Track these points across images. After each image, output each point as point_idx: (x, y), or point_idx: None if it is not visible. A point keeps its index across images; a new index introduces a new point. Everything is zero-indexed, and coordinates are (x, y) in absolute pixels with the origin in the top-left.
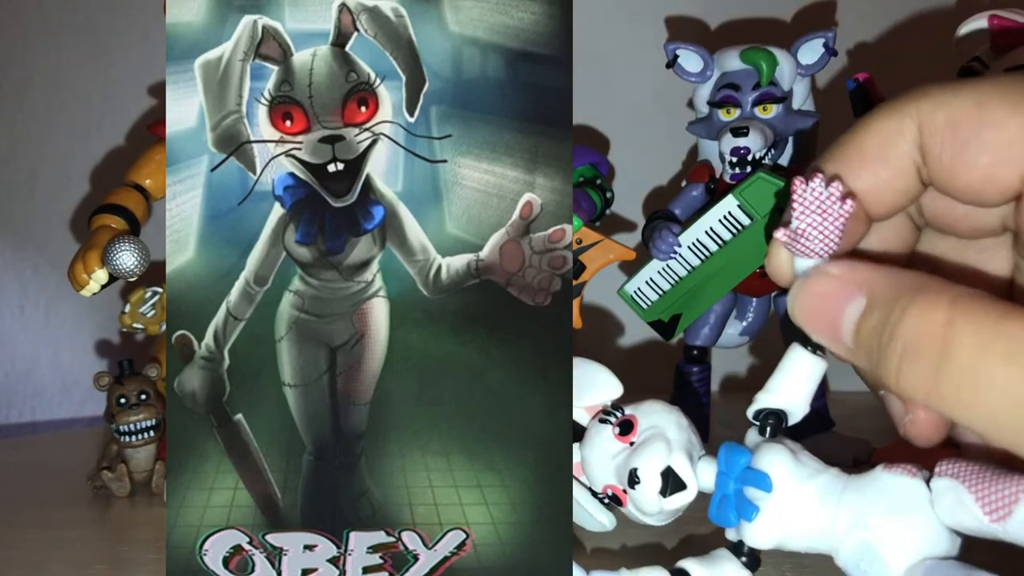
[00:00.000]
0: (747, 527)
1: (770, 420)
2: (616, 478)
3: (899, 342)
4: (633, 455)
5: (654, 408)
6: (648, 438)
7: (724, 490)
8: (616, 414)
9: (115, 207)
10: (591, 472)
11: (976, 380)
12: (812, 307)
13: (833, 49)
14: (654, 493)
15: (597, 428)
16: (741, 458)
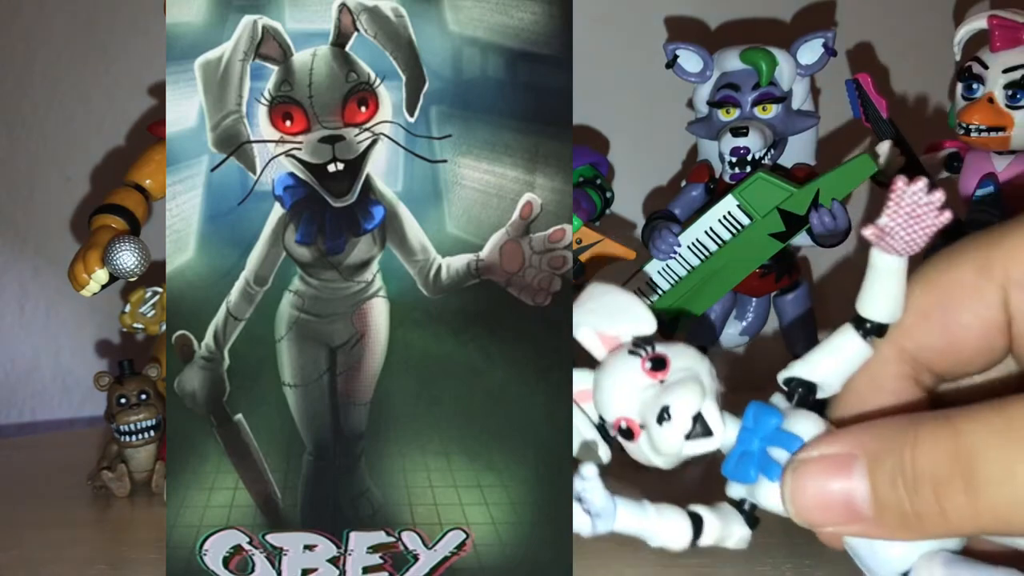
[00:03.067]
0: (766, 487)
1: (800, 389)
2: (638, 412)
3: (925, 477)
4: (666, 392)
5: (687, 352)
6: (682, 379)
7: (747, 446)
8: (647, 348)
9: (115, 207)
10: (606, 401)
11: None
12: (816, 495)
13: (833, 49)
14: (680, 434)
15: (624, 358)
16: (772, 418)
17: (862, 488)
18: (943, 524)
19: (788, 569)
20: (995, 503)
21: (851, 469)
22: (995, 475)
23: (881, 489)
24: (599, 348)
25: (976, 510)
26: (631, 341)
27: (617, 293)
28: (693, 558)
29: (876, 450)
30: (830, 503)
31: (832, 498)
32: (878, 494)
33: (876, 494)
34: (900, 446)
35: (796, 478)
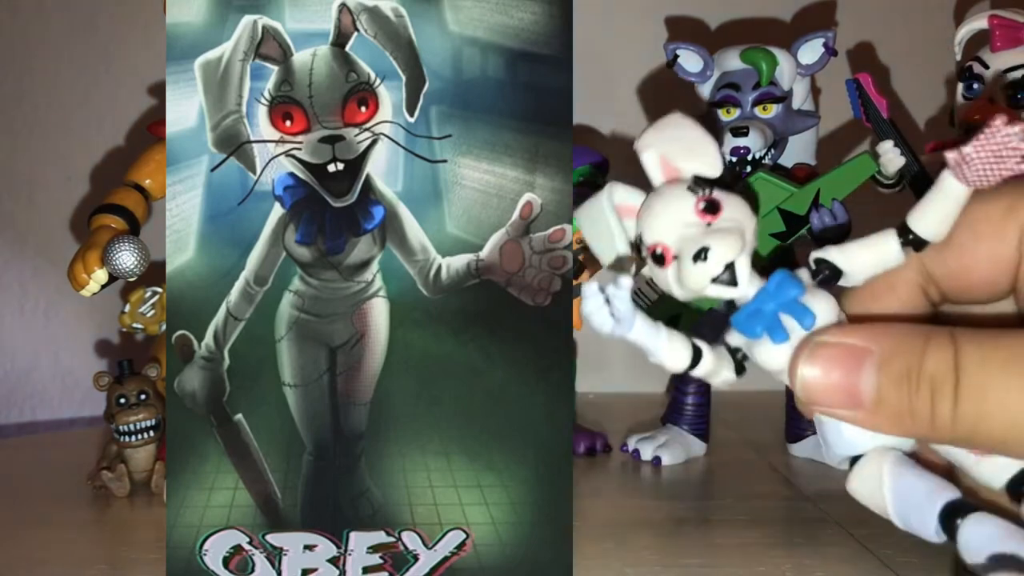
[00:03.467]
0: (766, 347)
1: (827, 271)
2: (676, 243)
3: (927, 382)
4: (709, 235)
5: (741, 207)
6: (728, 228)
7: (762, 305)
8: (705, 190)
9: (115, 207)
10: (651, 224)
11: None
12: (823, 379)
13: (833, 49)
14: (708, 276)
15: (680, 191)
16: (793, 289)
17: (869, 380)
18: (929, 426)
19: (788, 569)
20: (966, 416)
21: (863, 361)
22: (971, 392)
23: (886, 386)
24: (658, 174)
25: (955, 417)
26: (692, 178)
27: (695, 129)
28: (693, 558)
29: (890, 349)
30: (835, 388)
31: (838, 384)
32: (882, 389)
33: (880, 390)
34: (911, 350)
35: (810, 357)
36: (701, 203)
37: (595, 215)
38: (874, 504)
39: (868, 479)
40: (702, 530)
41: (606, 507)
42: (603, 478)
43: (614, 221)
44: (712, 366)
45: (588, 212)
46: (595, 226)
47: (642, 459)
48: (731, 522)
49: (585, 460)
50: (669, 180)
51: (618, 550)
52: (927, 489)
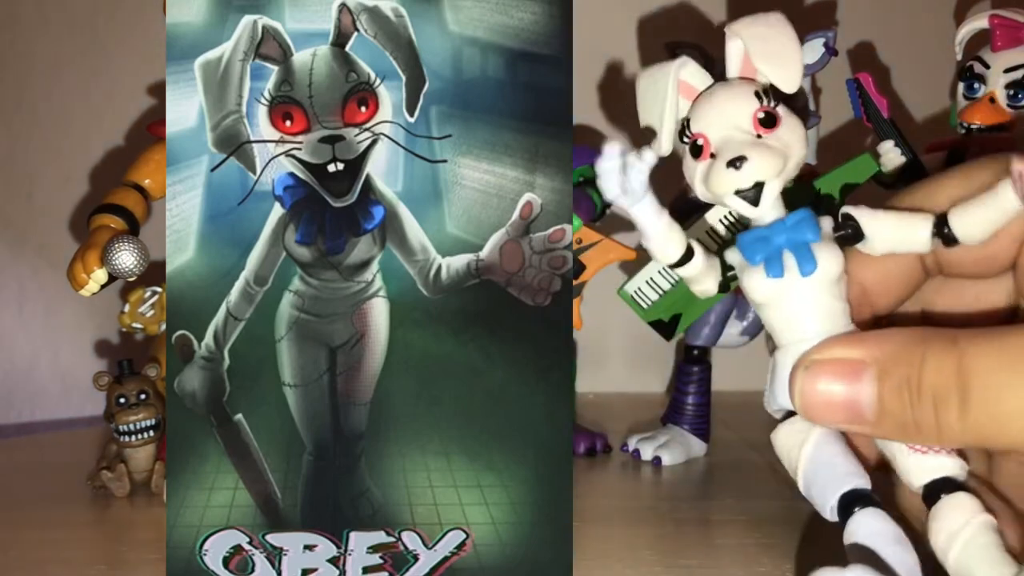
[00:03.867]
0: (757, 275)
1: (850, 231)
2: (718, 141)
3: (928, 392)
4: (754, 147)
5: (796, 133)
6: (774, 148)
7: (772, 235)
8: (771, 101)
9: (114, 207)
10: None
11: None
12: (823, 393)
13: (833, 49)
14: (734, 186)
15: (747, 93)
16: (809, 233)
17: (869, 393)
18: (936, 434)
19: (788, 570)
20: (979, 421)
21: (861, 375)
22: (983, 396)
23: (887, 397)
24: (735, 65)
25: (964, 426)
26: (763, 84)
27: (789, 37)
28: (693, 558)
29: (887, 361)
30: (836, 403)
31: (838, 399)
32: (883, 401)
33: (881, 401)
34: (910, 360)
35: (808, 375)
36: (761, 112)
37: (657, 83)
38: (787, 461)
39: (793, 436)
40: (702, 530)
41: (606, 507)
42: (603, 478)
43: (672, 96)
44: (699, 271)
45: (651, 77)
46: (651, 93)
47: (642, 459)
48: (731, 522)
49: (585, 460)
50: (742, 77)
51: (618, 550)
52: (840, 470)
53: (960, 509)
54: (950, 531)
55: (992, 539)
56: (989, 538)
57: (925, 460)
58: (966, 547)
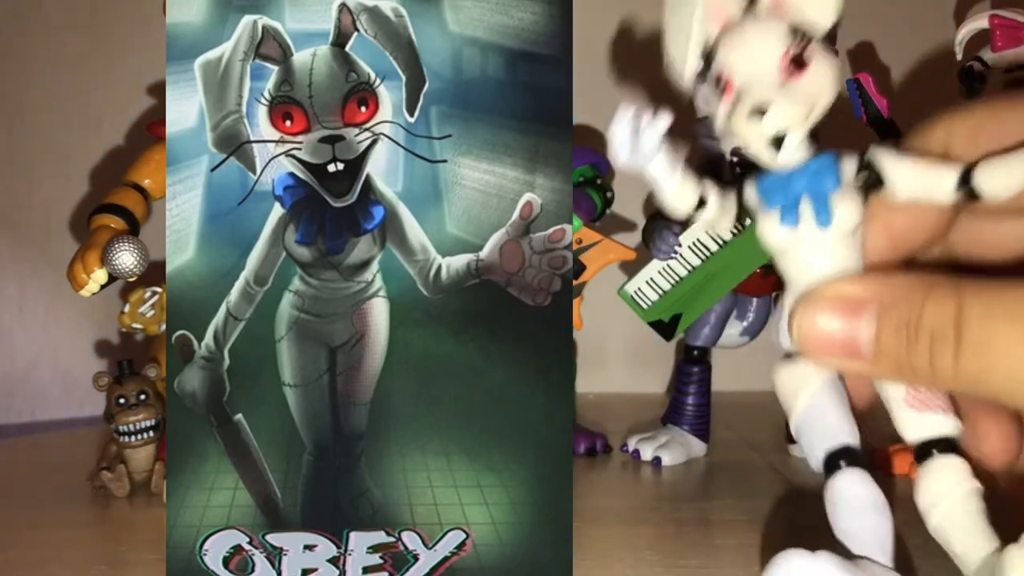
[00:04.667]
0: (770, 220)
1: (871, 176)
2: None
3: (925, 334)
4: (780, 92)
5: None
6: (801, 96)
7: (792, 180)
8: (803, 42)
9: (114, 207)
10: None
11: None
12: (822, 328)
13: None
14: (757, 132)
15: (780, 29)
16: (830, 182)
17: (867, 331)
18: (930, 376)
19: None
20: (969, 368)
21: (861, 312)
22: (974, 342)
23: (885, 336)
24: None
25: (956, 371)
26: (796, 22)
27: None
28: (693, 558)
29: (889, 300)
30: (833, 339)
31: (836, 334)
32: (881, 340)
33: (879, 339)
34: (911, 300)
35: (807, 310)
36: (791, 53)
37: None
38: (784, 401)
39: (794, 380)
40: (702, 530)
41: (606, 507)
42: (603, 478)
43: (699, 17)
44: (712, 216)
45: None
46: (679, 11)
47: (642, 459)
48: (731, 522)
49: (585, 460)
50: (776, 9)
51: (618, 550)
52: (832, 424)
53: (950, 470)
54: (937, 491)
55: (976, 507)
56: (973, 506)
57: (921, 416)
58: (950, 510)
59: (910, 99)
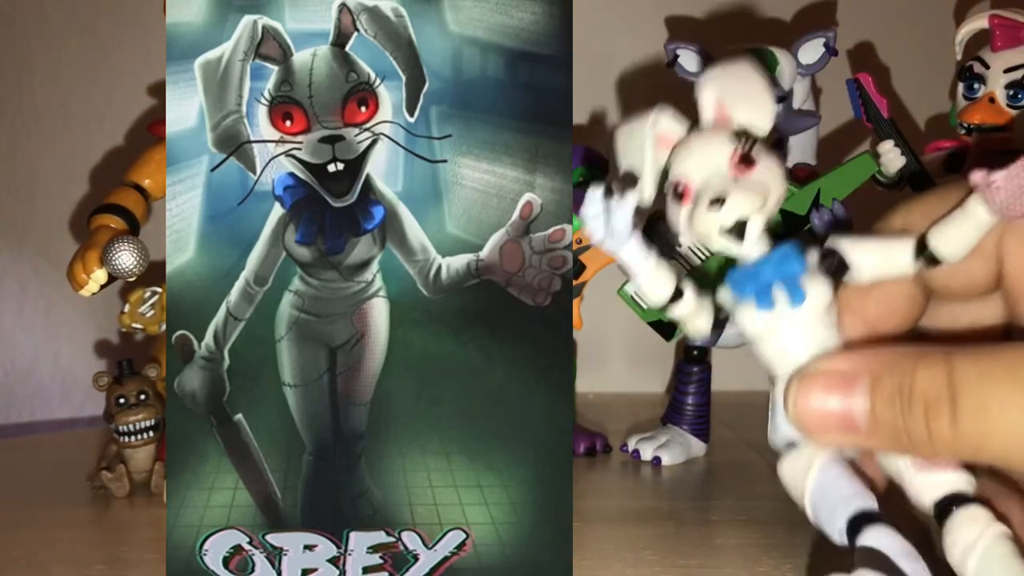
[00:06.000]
0: (749, 309)
1: (835, 261)
2: (699, 183)
3: (919, 400)
4: (733, 187)
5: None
6: (753, 186)
7: (760, 271)
8: (747, 144)
9: (114, 207)
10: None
11: (987, 407)
12: (817, 405)
13: (833, 49)
14: (718, 225)
15: (722, 136)
16: (796, 266)
17: (861, 404)
18: (928, 444)
19: (789, 570)
20: (969, 432)
21: (854, 386)
22: (971, 407)
23: (879, 406)
24: (710, 114)
25: (955, 436)
26: (737, 128)
27: (758, 82)
28: (693, 559)
29: (880, 371)
30: (829, 414)
31: (832, 410)
32: (876, 411)
33: (874, 411)
34: (902, 369)
35: (802, 387)
36: (738, 155)
37: (635, 136)
38: (794, 490)
39: (797, 465)
40: (702, 530)
41: (606, 507)
42: (603, 478)
43: (650, 146)
44: (690, 311)
45: (629, 131)
46: (631, 146)
47: (642, 459)
48: (731, 522)
49: (585, 460)
50: (717, 122)
51: (618, 550)
52: (847, 492)
53: (973, 521)
54: (965, 544)
55: (1008, 548)
56: (1005, 548)
57: (932, 477)
58: (983, 559)
59: (910, 99)
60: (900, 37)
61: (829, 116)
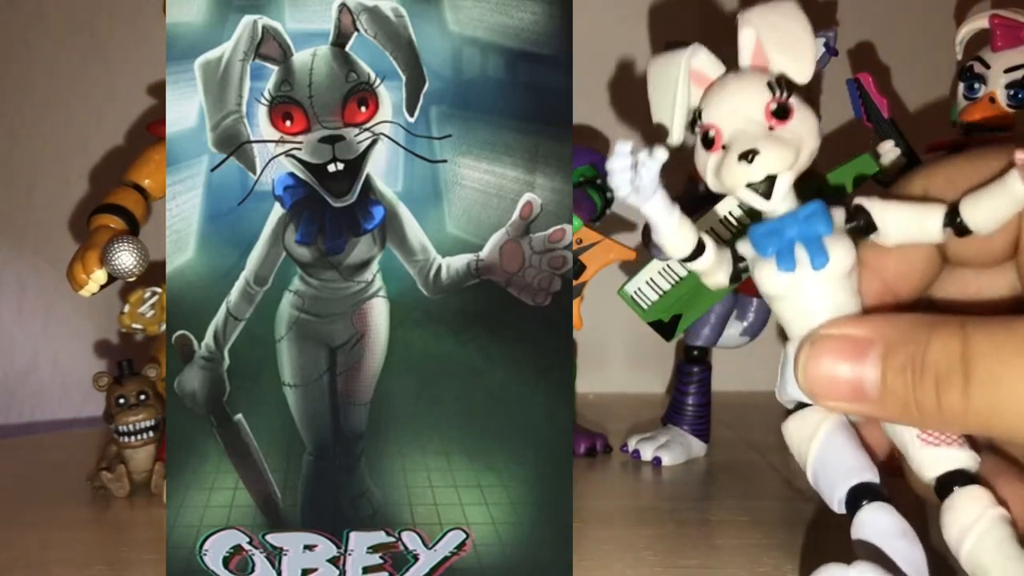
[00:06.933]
0: (768, 268)
1: (862, 222)
2: (730, 132)
3: (931, 371)
4: (766, 140)
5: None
6: (787, 140)
7: (784, 228)
8: (784, 92)
9: (114, 207)
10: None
11: (999, 380)
12: (828, 371)
13: (834, 49)
14: (746, 179)
15: (759, 83)
16: (821, 225)
17: (873, 373)
18: (938, 415)
19: (790, 570)
20: (980, 405)
21: (866, 354)
22: (984, 379)
23: (890, 376)
24: (748, 55)
25: (965, 407)
26: (777, 74)
27: (802, 26)
28: (693, 559)
29: (893, 340)
30: (839, 381)
31: (842, 377)
32: (887, 380)
33: (885, 380)
34: (915, 340)
35: (813, 352)
36: (774, 104)
37: (668, 71)
38: (797, 452)
39: (803, 427)
40: (702, 531)
41: (606, 507)
42: (603, 478)
43: (683, 84)
44: (710, 265)
45: (662, 66)
46: (662, 82)
47: (642, 459)
48: (731, 523)
49: (585, 460)
50: (755, 66)
51: (618, 550)
52: (850, 463)
53: (973, 501)
54: (963, 524)
55: (1006, 532)
56: (1003, 532)
57: (937, 451)
58: (980, 540)
59: (910, 99)
60: (900, 37)
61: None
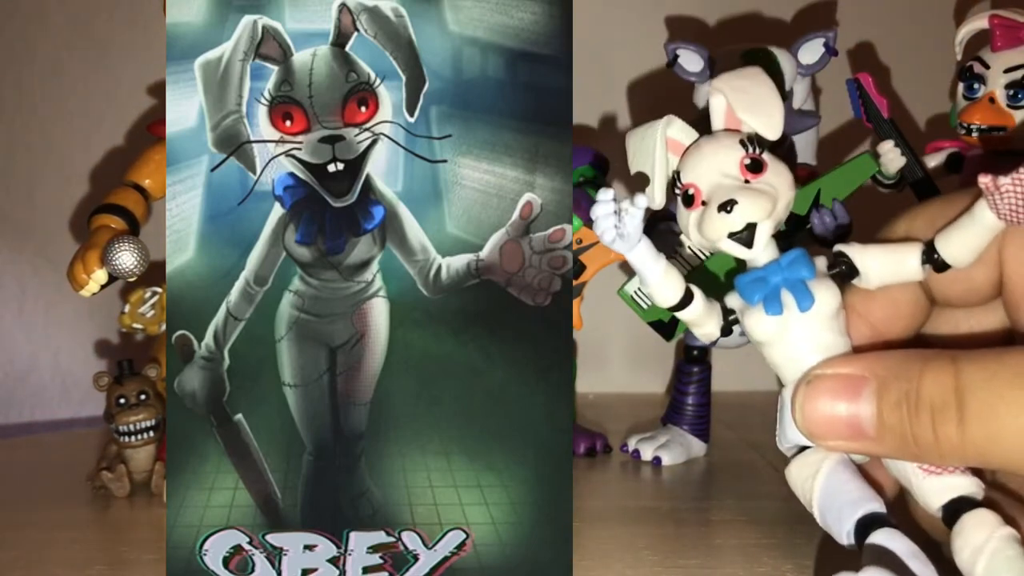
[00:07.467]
0: (757, 314)
1: (843, 267)
2: (708, 188)
3: (925, 405)
4: (742, 191)
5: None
6: (763, 191)
7: (768, 275)
8: (757, 148)
9: (114, 207)
10: (693, 164)
11: (994, 411)
12: (824, 411)
13: (833, 49)
14: (727, 229)
15: (732, 141)
16: (804, 270)
17: (868, 410)
18: (935, 449)
19: (789, 570)
20: (976, 436)
21: (861, 391)
22: (979, 411)
23: (886, 411)
24: (720, 119)
25: (962, 440)
26: (748, 133)
27: (768, 88)
28: (693, 559)
29: (886, 376)
30: (837, 420)
31: (839, 415)
32: (883, 416)
33: (881, 416)
34: (908, 375)
35: (809, 392)
36: (747, 159)
37: (646, 141)
38: (802, 494)
39: (805, 468)
40: (702, 530)
41: (606, 507)
42: (603, 478)
43: (660, 152)
44: (699, 315)
45: (640, 136)
46: (641, 151)
47: (642, 459)
48: (731, 522)
49: (585, 460)
50: (727, 129)
51: (618, 550)
52: (854, 495)
53: (982, 525)
54: (974, 547)
55: (1017, 551)
56: (1014, 550)
57: (940, 480)
58: (992, 561)
59: (910, 99)
60: (900, 37)
61: (829, 116)
